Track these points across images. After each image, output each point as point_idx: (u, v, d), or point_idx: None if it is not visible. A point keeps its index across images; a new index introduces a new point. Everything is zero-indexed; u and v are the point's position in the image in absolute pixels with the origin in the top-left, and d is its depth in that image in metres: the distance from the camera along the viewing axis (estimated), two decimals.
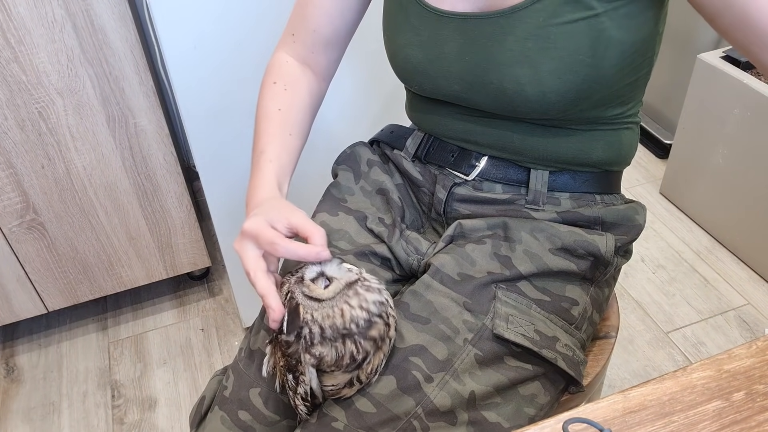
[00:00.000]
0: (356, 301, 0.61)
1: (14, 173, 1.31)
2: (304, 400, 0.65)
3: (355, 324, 0.60)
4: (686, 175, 1.86)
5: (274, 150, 0.76)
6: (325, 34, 0.81)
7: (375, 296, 0.62)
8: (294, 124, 0.79)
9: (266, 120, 0.78)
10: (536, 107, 0.69)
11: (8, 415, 1.48)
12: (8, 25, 1.15)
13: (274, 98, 0.80)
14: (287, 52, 0.84)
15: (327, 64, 0.85)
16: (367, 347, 0.61)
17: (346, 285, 0.62)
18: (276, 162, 0.75)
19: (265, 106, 0.80)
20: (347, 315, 0.60)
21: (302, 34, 0.82)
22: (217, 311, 1.70)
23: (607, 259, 0.73)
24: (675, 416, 0.49)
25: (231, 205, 1.35)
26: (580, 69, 0.65)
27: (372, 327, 0.61)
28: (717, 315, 1.61)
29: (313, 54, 0.83)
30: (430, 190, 0.82)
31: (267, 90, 0.81)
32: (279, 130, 0.77)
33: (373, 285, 0.63)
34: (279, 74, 0.82)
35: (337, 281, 0.62)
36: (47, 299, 1.52)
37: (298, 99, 0.81)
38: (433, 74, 0.74)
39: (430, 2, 0.72)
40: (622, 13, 0.64)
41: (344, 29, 0.82)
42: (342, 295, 0.61)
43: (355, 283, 0.62)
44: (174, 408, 1.48)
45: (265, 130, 0.77)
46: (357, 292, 0.61)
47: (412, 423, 0.63)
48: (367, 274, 0.64)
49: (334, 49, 0.84)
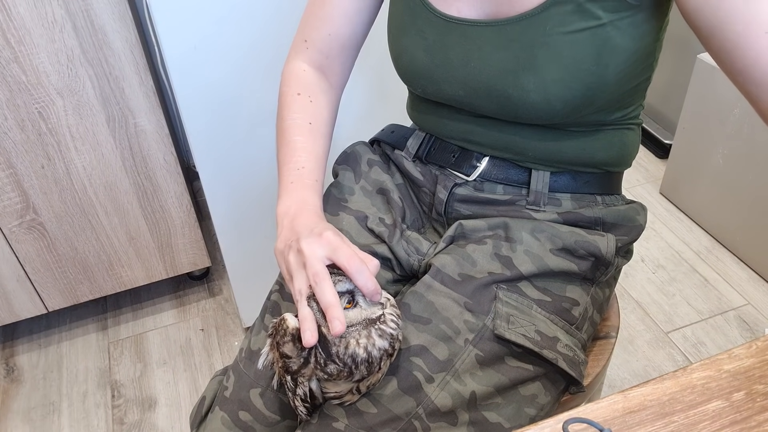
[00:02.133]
0: (364, 342, 0.59)
1: (14, 173, 1.31)
2: (303, 401, 0.65)
3: (353, 360, 0.59)
4: (686, 175, 1.86)
5: (316, 170, 0.74)
6: (341, 37, 0.80)
7: (383, 343, 0.60)
8: (324, 139, 0.78)
9: (299, 133, 0.76)
10: (540, 114, 0.69)
11: (8, 415, 1.48)
12: (8, 25, 1.15)
13: (302, 111, 0.78)
14: (302, 60, 0.82)
15: (341, 70, 0.83)
16: (365, 373, 0.61)
17: (363, 322, 0.60)
18: (320, 183, 0.74)
19: (293, 117, 0.77)
20: (351, 349, 0.59)
21: (317, 39, 0.80)
22: (217, 311, 1.70)
23: (607, 259, 0.73)
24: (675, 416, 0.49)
25: (231, 205, 1.35)
26: (585, 77, 0.65)
27: (370, 364, 0.60)
28: (717, 315, 1.61)
29: (328, 59, 0.81)
30: (431, 190, 0.82)
31: (291, 100, 0.79)
32: (314, 146, 0.76)
33: (387, 330, 0.60)
34: (300, 84, 0.80)
35: (359, 311, 0.60)
36: (47, 299, 1.52)
37: (325, 112, 0.79)
38: (438, 78, 0.74)
39: (437, 7, 0.72)
40: (626, 22, 0.64)
41: (361, 30, 0.81)
42: (354, 330, 0.59)
43: (373, 323, 0.60)
44: (174, 408, 1.48)
45: (303, 146, 0.75)
46: (369, 335, 0.60)
47: (413, 423, 0.63)
48: (391, 309, 0.62)
49: (349, 53, 0.82)
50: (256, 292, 1.53)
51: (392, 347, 0.61)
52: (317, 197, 0.71)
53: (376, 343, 0.60)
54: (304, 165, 0.73)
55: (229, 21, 1.12)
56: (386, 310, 0.62)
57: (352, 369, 0.60)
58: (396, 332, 0.61)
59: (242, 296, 1.53)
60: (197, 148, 1.25)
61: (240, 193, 1.34)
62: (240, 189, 1.34)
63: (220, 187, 1.32)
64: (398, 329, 0.62)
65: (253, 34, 1.15)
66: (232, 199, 1.34)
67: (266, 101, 1.24)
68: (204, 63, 1.15)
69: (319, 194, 0.72)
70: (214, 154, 1.26)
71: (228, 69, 1.17)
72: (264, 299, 1.22)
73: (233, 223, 1.38)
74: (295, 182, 0.72)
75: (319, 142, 0.77)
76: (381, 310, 0.61)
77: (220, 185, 1.31)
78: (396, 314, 0.62)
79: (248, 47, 1.16)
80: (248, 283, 1.50)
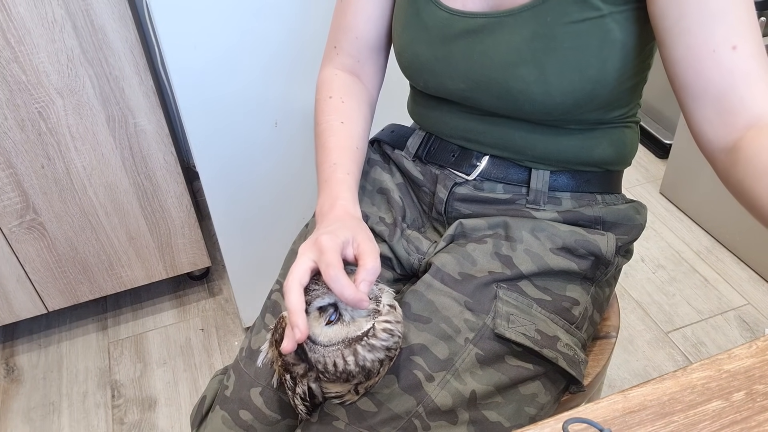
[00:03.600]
0: (352, 359, 0.58)
1: (14, 173, 1.31)
2: (303, 400, 0.65)
3: (346, 373, 0.58)
4: (686, 175, 1.86)
5: (347, 164, 0.74)
6: (369, 39, 0.81)
7: (377, 355, 0.58)
8: (358, 138, 0.78)
9: (332, 134, 0.77)
10: (540, 107, 0.69)
11: (8, 415, 1.48)
12: (8, 25, 1.15)
13: (334, 112, 0.79)
14: (334, 66, 0.83)
15: (374, 71, 0.84)
16: (362, 378, 0.61)
17: (346, 339, 0.58)
18: (352, 176, 0.74)
19: (326, 120, 0.78)
20: (340, 367, 0.58)
21: (345, 45, 0.82)
22: (217, 311, 1.70)
23: (608, 258, 0.73)
24: (675, 416, 0.49)
25: (231, 205, 1.35)
26: (585, 70, 0.66)
27: (368, 372, 0.59)
28: (717, 315, 1.61)
29: (359, 63, 0.82)
30: (431, 189, 0.82)
31: (324, 105, 0.80)
32: (347, 142, 0.76)
33: (378, 344, 0.58)
34: (332, 88, 0.81)
35: (340, 328, 0.58)
36: (47, 299, 1.52)
37: (357, 111, 0.80)
38: (440, 72, 0.74)
39: (442, 1, 0.72)
40: (626, 17, 0.64)
41: (386, 32, 0.82)
42: (337, 349, 0.58)
43: (358, 341, 0.58)
44: (174, 408, 1.48)
45: (336, 145, 0.75)
46: (355, 352, 0.57)
47: (413, 422, 0.63)
48: (387, 316, 0.60)
49: (379, 54, 0.83)
50: (256, 292, 1.53)
51: (390, 353, 0.60)
52: (348, 191, 0.72)
53: (367, 357, 0.58)
54: (336, 161, 0.74)
55: (229, 21, 1.12)
56: (378, 319, 0.59)
57: (348, 378, 0.59)
58: (389, 342, 0.59)
59: (242, 296, 1.53)
60: (197, 148, 1.25)
61: (240, 193, 1.34)
62: (240, 189, 1.34)
63: (220, 187, 1.32)
64: (394, 337, 0.60)
65: (253, 34, 1.15)
66: (232, 199, 1.34)
67: (266, 101, 1.24)
68: (204, 63, 1.15)
69: (351, 186, 0.72)
70: (214, 154, 1.26)
71: (228, 69, 1.17)
72: (264, 299, 1.22)
73: (233, 223, 1.38)
74: (329, 180, 0.73)
75: (353, 139, 0.77)
76: (371, 321, 0.59)
77: (220, 185, 1.31)
78: (393, 320, 0.60)
79: (249, 47, 1.16)
80: (248, 283, 1.50)
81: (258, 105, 1.24)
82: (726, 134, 0.59)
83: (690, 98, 0.61)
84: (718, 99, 0.59)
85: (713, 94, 0.59)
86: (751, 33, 0.58)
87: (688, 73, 0.60)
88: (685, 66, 0.60)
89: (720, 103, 0.59)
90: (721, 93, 0.59)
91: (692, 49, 0.59)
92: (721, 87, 0.59)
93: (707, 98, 0.60)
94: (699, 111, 0.61)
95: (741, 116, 0.58)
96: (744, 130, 0.58)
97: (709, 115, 0.60)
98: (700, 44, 0.59)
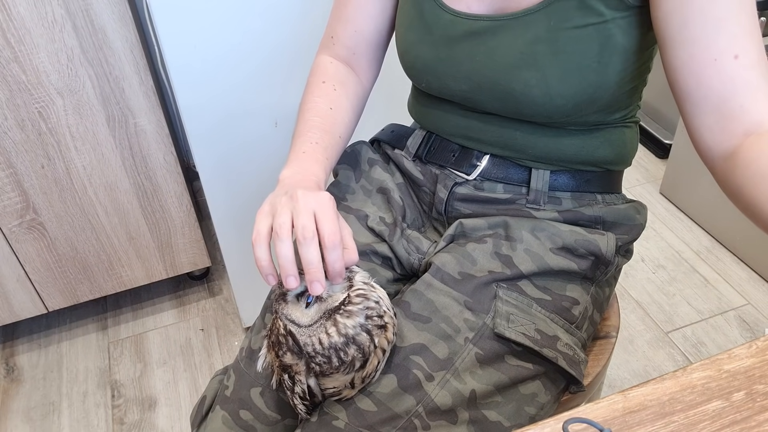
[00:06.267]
0: (334, 330, 0.59)
1: (14, 173, 1.31)
2: (302, 399, 0.65)
3: (334, 349, 0.59)
4: (686, 175, 1.86)
5: (327, 146, 0.73)
6: (367, 34, 0.81)
7: (358, 320, 0.60)
8: (343, 127, 0.78)
9: (317, 116, 0.76)
10: (541, 110, 0.69)
11: (8, 415, 1.48)
12: (8, 25, 1.15)
13: (325, 96, 0.78)
14: (329, 54, 0.83)
15: (370, 65, 0.84)
16: (356, 362, 0.61)
17: (325, 313, 0.60)
18: (330, 162, 0.73)
19: (314, 101, 0.77)
20: (325, 342, 0.59)
21: (343, 36, 0.82)
22: (217, 311, 1.70)
23: (608, 258, 0.73)
24: (675, 416, 0.49)
25: (231, 205, 1.35)
26: (587, 74, 0.66)
27: (356, 345, 0.60)
28: (717, 315, 1.61)
29: (355, 55, 0.83)
30: (431, 189, 0.82)
31: (315, 88, 0.79)
32: (330, 127, 0.75)
33: (354, 309, 0.60)
34: (326, 74, 0.81)
35: (318, 306, 0.60)
36: (47, 299, 1.52)
37: (347, 101, 0.80)
38: (443, 73, 0.74)
39: (446, 3, 0.72)
40: (629, 22, 0.64)
41: (385, 28, 0.82)
42: (320, 324, 0.60)
43: (335, 311, 0.60)
44: (174, 408, 1.48)
45: (319, 125, 0.74)
46: (336, 322, 0.59)
47: (413, 421, 0.63)
48: (361, 284, 0.61)
49: (376, 49, 0.83)
50: (256, 292, 1.53)
51: (373, 321, 0.60)
52: (324, 174, 0.71)
53: (347, 324, 0.59)
54: (318, 141, 0.73)
55: (230, 21, 1.12)
56: (352, 289, 0.61)
57: (340, 359, 0.60)
58: (364, 305, 0.60)
59: (242, 296, 1.53)
60: (197, 148, 1.25)
61: (240, 194, 1.34)
62: (240, 189, 1.34)
63: (220, 187, 1.32)
64: (369, 300, 0.60)
65: (253, 34, 1.15)
66: (232, 199, 1.34)
67: (266, 100, 1.24)
68: (204, 63, 1.15)
69: (327, 173, 0.72)
70: (214, 154, 1.26)
71: (228, 69, 1.17)
72: (264, 299, 1.22)
73: (233, 223, 1.38)
74: (308, 153, 0.71)
75: (338, 127, 0.76)
76: (345, 292, 0.61)
77: (220, 185, 1.31)
78: (368, 288, 0.61)
79: (248, 47, 1.16)
80: (248, 283, 1.50)
81: (258, 105, 1.24)
82: (725, 141, 0.59)
83: (690, 105, 0.61)
84: (719, 107, 0.59)
85: (714, 102, 0.59)
86: (753, 42, 0.58)
87: (689, 80, 0.60)
88: (686, 73, 0.60)
89: (720, 111, 0.59)
90: (722, 101, 0.59)
91: (694, 57, 0.59)
92: (722, 95, 0.59)
93: (707, 106, 0.60)
94: (699, 118, 0.61)
95: (741, 124, 0.58)
96: (743, 137, 0.58)
97: (709, 122, 0.60)
98: (702, 52, 0.59)
